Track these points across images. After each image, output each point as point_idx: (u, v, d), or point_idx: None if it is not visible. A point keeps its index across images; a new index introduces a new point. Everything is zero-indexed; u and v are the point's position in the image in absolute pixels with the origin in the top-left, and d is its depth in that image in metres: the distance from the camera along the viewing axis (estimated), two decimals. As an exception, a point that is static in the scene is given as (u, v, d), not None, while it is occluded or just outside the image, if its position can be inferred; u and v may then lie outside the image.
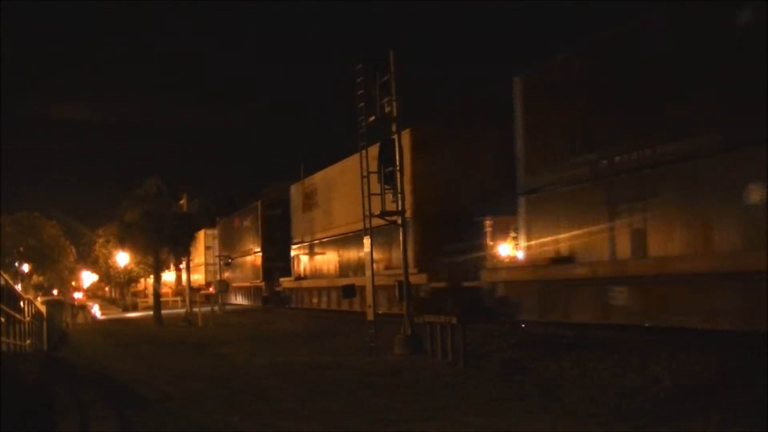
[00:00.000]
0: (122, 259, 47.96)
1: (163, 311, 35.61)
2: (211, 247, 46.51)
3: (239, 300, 40.99)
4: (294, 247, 31.21)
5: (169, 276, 57.82)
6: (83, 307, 44.43)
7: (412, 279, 16.93)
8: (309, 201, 29.31)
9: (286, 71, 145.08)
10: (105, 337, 27.85)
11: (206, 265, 48.17)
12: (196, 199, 37.85)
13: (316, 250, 28.79)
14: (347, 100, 16.75)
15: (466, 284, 17.91)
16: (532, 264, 14.90)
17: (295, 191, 31.56)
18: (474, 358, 13.02)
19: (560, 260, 13.89)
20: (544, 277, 13.71)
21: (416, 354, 14.51)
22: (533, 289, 14.65)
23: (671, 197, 11.94)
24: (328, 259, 27.65)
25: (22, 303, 14.72)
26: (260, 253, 34.56)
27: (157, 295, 35.43)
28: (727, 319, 10.67)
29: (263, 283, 34.30)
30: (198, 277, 48.44)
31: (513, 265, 16.61)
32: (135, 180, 34.29)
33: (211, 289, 38.70)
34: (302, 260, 30.54)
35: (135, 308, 53.19)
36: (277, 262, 33.20)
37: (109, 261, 54.29)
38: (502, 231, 18.55)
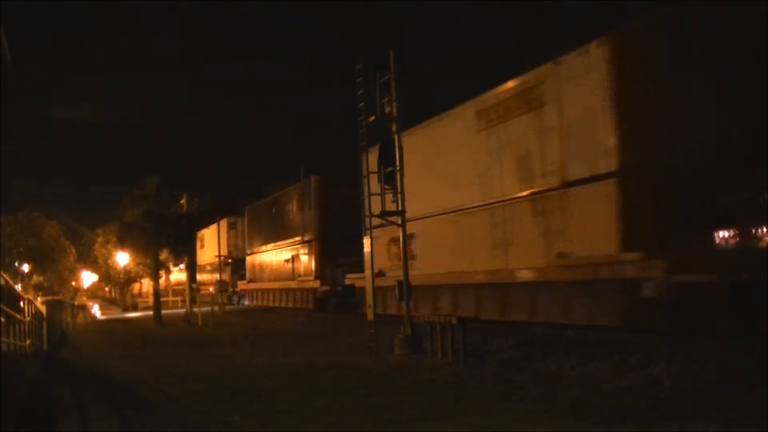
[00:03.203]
0: (122, 259, 47.99)
1: (163, 311, 35.62)
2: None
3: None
4: (198, 269, 53.33)
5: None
6: (83, 307, 44.44)
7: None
8: (201, 242, 51.63)
9: (287, 71, 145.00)
10: (105, 337, 27.86)
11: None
12: (196, 199, 37.94)
13: (205, 270, 51.63)
14: (347, 99, 16.79)
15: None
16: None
17: (199, 236, 50.04)
18: (474, 358, 13.01)
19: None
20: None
21: (416, 354, 14.50)
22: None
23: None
24: (208, 276, 49.43)
25: (22, 303, 14.73)
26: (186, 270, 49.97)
27: (157, 295, 35.44)
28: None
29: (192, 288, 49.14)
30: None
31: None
32: (135, 180, 34.38)
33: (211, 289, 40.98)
34: (203, 275, 52.21)
35: (135, 308, 53.23)
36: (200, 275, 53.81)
37: (109, 261, 54.27)
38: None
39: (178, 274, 55.26)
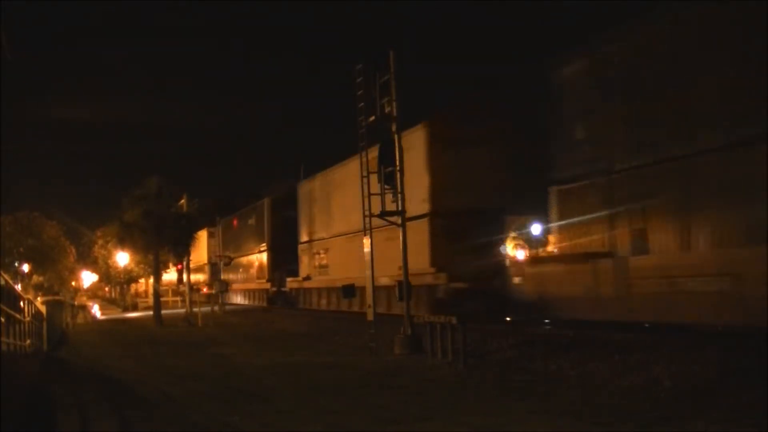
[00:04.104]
0: (122, 259, 47.99)
1: (163, 311, 35.58)
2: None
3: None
4: (192, 269, 51.22)
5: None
6: (83, 307, 44.37)
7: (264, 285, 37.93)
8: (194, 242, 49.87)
9: (287, 71, 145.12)
10: (105, 337, 27.85)
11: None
12: (196, 199, 37.88)
13: (197, 271, 49.57)
14: (348, 99, 16.80)
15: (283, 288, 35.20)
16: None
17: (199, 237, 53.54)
18: (474, 358, 13.03)
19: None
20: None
21: (416, 354, 14.51)
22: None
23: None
24: (192, 277, 48.66)
25: (22, 303, 14.72)
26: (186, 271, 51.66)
27: (157, 295, 35.42)
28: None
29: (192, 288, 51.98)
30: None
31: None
32: (135, 180, 34.40)
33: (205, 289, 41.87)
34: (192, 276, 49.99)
35: (135, 308, 53.16)
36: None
37: (109, 261, 54.26)
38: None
39: (168, 275, 56.02)
